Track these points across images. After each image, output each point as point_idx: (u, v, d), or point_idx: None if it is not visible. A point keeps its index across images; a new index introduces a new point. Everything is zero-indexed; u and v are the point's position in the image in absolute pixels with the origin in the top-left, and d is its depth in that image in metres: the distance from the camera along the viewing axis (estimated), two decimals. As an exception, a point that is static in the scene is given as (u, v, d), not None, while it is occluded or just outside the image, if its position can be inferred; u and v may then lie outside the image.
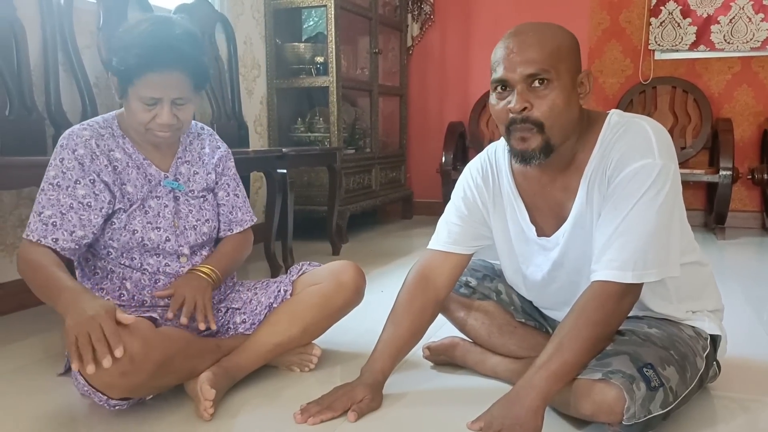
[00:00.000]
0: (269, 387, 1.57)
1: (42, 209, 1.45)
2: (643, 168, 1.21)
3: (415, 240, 3.88)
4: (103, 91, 2.59)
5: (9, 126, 2.14)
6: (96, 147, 1.50)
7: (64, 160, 1.47)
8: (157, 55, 1.41)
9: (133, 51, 1.40)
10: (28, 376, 1.68)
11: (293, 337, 1.61)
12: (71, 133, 1.50)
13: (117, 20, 2.58)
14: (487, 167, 1.48)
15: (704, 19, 3.98)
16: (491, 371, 1.60)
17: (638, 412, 1.15)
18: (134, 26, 1.46)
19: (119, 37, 1.46)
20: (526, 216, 1.41)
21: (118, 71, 1.43)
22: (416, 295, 1.48)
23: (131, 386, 1.32)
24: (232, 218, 1.72)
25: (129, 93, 1.45)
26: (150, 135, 1.51)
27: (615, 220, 1.22)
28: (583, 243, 1.33)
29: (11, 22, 2.18)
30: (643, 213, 1.21)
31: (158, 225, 1.57)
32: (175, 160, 1.63)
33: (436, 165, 4.28)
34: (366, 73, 4.27)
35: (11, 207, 2.29)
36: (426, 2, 4.62)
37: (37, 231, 1.43)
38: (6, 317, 2.23)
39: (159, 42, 1.42)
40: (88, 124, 1.54)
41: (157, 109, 1.45)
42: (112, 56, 1.45)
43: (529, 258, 1.44)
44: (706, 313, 1.41)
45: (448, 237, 1.51)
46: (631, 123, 1.28)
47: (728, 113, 4.06)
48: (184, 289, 1.51)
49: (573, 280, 1.39)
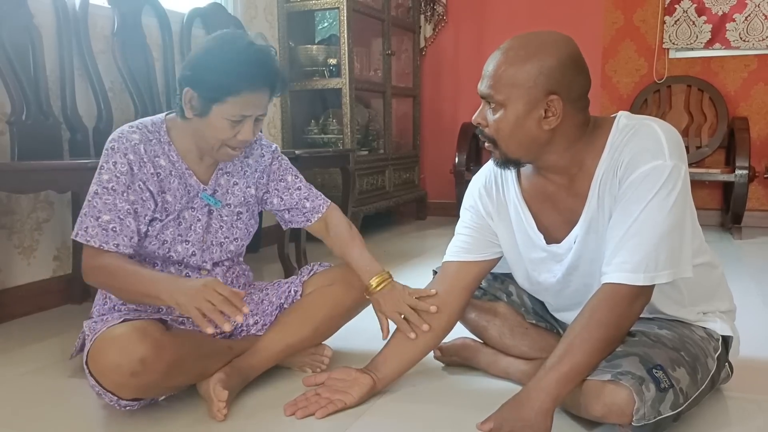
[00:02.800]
0: (282, 388, 1.59)
1: (99, 213, 1.43)
2: (654, 169, 1.21)
3: (429, 241, 3.87)
4: (117, 95, 2.62)
5: (26, 130, 2.17)
6: (144, 153, 1.48)
7: (117, 164, 1.45)
8: (258, 74, 1.41)
9: (236, 70, 1.39)
10: (46, 378, 1.71)
11: (304, 337, 1.62)
12: (121, 136, 1.48)
13: (131, 25, 2.61)
14: (491, 178, 1.48)
15: (719, 17, 3.95)
16: (503, 372, 1.60)
17: (648, 413, 1.15)
18: (224, 44, 1.43)
19: (209, 54, 1.43)
20: (533, 224, 1.40)
21: (209, 89, 1.40)
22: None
23: (142, 387, 1.34)
24: (303, 211, 1.70)
25: (213, 110, 1.42)
26: (223, 152, 1.49)
27: (626, 222, 1.22)
28: (597, 247, 1.32)
29: (28, 28, 2.21)
30: (655, 214, 1.20)
31: (187, 238, 1.56)
32: (215, 172, 1.61)
33: (450, 166, 4.27)
34: (379, 74, 4.28)
35: (29, 210, 2.32)
36: (439, 3, 4.61)
37: (98, 236, 1.42)
38: (24, 319, 2.26)
39: (259, 61, 1.42)
40: (137, 127, 1.51)
41: (240, 126, 1.45)
42: (202, 75, 1.41)
43: (540, 265, 1.44)
44: (718, 314, 1.40)
45: (457, 247, 1.53)
46: (641, 125, 1.28)
47: (744, 112, 4.02)
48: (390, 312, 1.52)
49: (587, 283, 1.38)
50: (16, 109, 2.15)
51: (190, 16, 2.99)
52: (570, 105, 1.26)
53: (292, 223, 1.73)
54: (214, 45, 1.44)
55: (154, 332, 1.35)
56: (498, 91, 1.27)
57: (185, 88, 1.44)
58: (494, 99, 1.28)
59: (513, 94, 1.26)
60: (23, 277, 2.32)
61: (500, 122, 1.29)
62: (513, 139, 1.29)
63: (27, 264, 2.33)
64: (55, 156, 2.28)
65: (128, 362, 1.29)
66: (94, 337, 1.37)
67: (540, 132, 1.28)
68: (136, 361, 1.29)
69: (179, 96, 1.48)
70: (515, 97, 1.26)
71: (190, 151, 1.55)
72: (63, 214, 2.45)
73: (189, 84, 1.44)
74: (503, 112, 1.28)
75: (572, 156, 1.32)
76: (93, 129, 2.46)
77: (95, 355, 1.34)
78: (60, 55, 2.37)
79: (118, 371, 1.30)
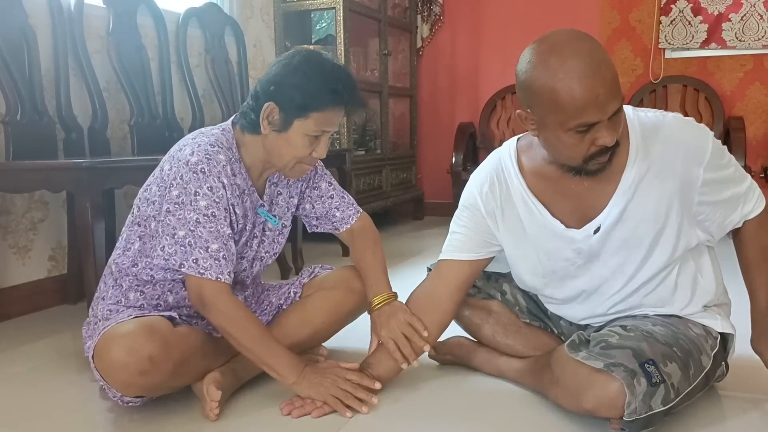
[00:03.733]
0: (276, 387, 1.58)
1: (207, 243, 1.37)
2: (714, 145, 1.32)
3: (426, 240, 3.87)
4: (113, 95, 2.62)
5: (20, 130, 2.17)
6: (230, 174, 1.44)
7: (213, 188, 1.39)
8: (344, 90, 1.41)
9: (325, 87, 1.39)
10: (42, 377, 1.71)
11: (302, 340, 1.62)
12: (209, 157, 1.40)
13: (127, 25, 2.61)
14: (494, 174, 1.47)
15: (715, 17, 3.95)
16: (496, 371, 1.60)
17: (639, 407, 1.16)
18: (311, 61, 1.42)
19: (298, 72, 1.41)
20: (547, 213, 1.40)
21: (296, 106, 1.40)
22: (425, 308, 1.52)
23: (149, 385, 1.34)
24: (332, 220, 1.69)
25: (294, 126, 1.41)
26: (297, 168, 1.48)
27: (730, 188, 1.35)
28: (626, 238, 1.34)
29: (23, 28, 2.21)
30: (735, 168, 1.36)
31: (243, 255, 1.55)
32: (268, 185, 1.59)
33: (447, 166, 4.27)
34: (376, 74, 4.28)
35: (23, 210, 2.32)
36: (435, 3, 4.62)
37: (212, 269, 1.37)
38: (19, 319, 2.26)
39: (344, 79, 1.43)
40: (218, 145, 1.44)
41: (317, 143, 1.44)
42: (290, 92, 1.40)
43: (558, 254, 1.42)
44: (716, 310, 1.40)
45: (453, 245, 1.53)
46: (655, 116, 1.35)
47: (740, 111, 4.03)
48: (384, 335, 1.51)
49: (602, 274, 1.39)
50: (10, 109, 2.15)
51: (186, 15, 2.98)
52: None
53: (318, 228, 1.72)
54: (300, 62, 1.42)
55: (162, 329, 1.35)
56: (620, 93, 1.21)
57: (267, 103, 1.41)
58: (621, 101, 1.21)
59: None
60: (18, 277, 2.31)
61: (622, 120, 1.27)
62: None
63: (22, 264, 2.33)
64: (50, 156, 2.28)
65: (136, 360, 1.29)
66: (100, 332, 1.37)
67: None
68: (145, 359, 1.29)
69: (252, 110, 1.45)
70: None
71: (254, 165, 1.52)
72: (58, 214, 2.45)
73: (273, 99, 1.41)
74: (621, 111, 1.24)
75: None
76: (88, 129, 2.45)
77: (102, 352, 1.34)
78: (55, 55, 2.37)
79: (125, 369, 1.30)
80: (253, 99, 1.45)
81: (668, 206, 1.31)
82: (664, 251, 1.34)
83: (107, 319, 1.45)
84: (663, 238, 1.33)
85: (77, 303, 2.39)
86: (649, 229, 1.33)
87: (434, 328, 1.53)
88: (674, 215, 1.32)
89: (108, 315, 1.47)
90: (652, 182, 1.31)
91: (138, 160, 2.17)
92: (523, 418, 1.40)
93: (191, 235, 1.38)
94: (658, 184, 1.31)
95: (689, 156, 1.30)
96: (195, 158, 1.39)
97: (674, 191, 1.31)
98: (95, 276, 1.84)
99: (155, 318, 1.38)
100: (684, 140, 1.31)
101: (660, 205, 1.32)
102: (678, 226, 1.33)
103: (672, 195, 1.31)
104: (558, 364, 1.33)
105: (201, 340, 1.47)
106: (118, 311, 1.47)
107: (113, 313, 1.47)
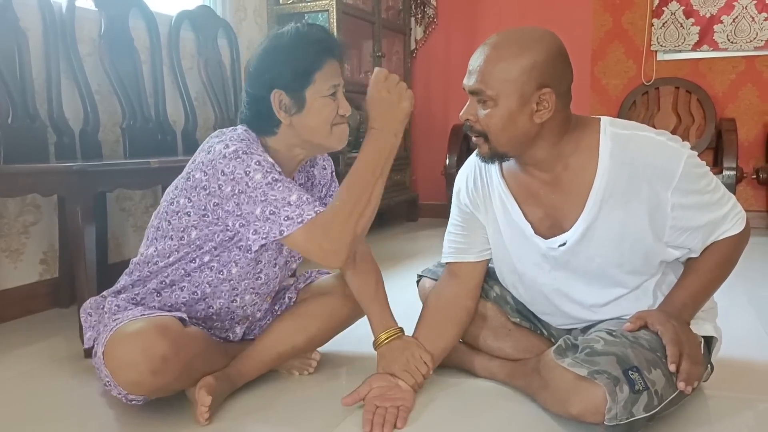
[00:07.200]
0: (269, 390, 1.58)
1: (286, 199, 1.32)
2: (686, 164, 1.28)
3: (421, 242, 3.87)
4: (104, 98, 2.62)
5: (12, 134, 2.17)
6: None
7: (261, 161, 1.34)
8: (326, 40, 1.40)
9: (308, 47, 1.37)
10: (34, 381, 1.70)
11: (297, 346, 1.61)
12: (247, 144, 1.36)
13: (119, 28, 2.61)
14: (476, 171, 1.51)
15: (707, 19, 3.97)
16: (487, 373, 1.60)
17: (620, 413, 1.16)
18: (280, 36, 1.40)
19: (274, 51, 1.39)
20: (521, 214, 1.42)
21: (295, 77, 1.36)
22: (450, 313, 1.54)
23: (158, 386, 1.33)
24: None
25: (307, 97, 1.38)
26: (335, 136, 1.43)
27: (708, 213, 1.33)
28: (590, 255, 1.35)
29: (14, 31, 2.21)
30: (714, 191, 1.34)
31: (276, 261, 1.54)
32: (298, 174, 1.56)
33: (441, 167, 4.28)
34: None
35: (15, 214, 2.32)
36: (429, 5, 4.62)
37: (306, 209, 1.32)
38: (12, 323, 2.25)
39: (320, 32, 1.41)
40: (247, 139, 1.39)
41: (338, 100, 1.42)
42: (281, 70, 1.37)
43: (527, 256, 1.45)
44: (702, 315, 1.41)
45: (455, 248, 1.55)
46: (632, 134, 1.32)
47: (732, 113, 4.05)
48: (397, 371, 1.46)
49: (570, 284, 1.41)
50: (2, 113, 2.15)
51: (179, 18, 2.98)
52: (559, 99, 1.30)
53: None
54: (271, 43, 1.41)
55: (174, 330, 1.34)
56: (490, 87, 1.28)
57: (272, 93, 1.38)
58: (485, 94, 1.29)
59: (506, 89, 1.28)
60: (10, 281, 2.31)
61: (492, 117, 1.30)
62: (504, 133, 1.31)
63: (14, 267, 2.32)
64: (42, 159, 2.27)
65: (149, 359, 1.28)
66: (112, 329, 1.35)
67: (531, 126, 1.30)
68: (158, 358, 1.28)
69: (258, 111, 1.41)
70: (508, 92, 1.28)
71: (280, 165, 1.44)
72: (50, 218, 2.44)
73: (272, 87, 1.38)
74: (495, 107, 1.29)
75: (558, 152, 1.34)
76: (80, 132, 2.45)
77: (113, 349, 1.32)
78: (46, 58, 2.36)
79: (137, 369, 1.29)
80: (254, 102, 1.42)
81: (637, 228, 1.31)
82: (634, 270, 1.36)
83: (115, 314, 1.42)
84: (631, 258, 1.34)
85: (69, 306, 2.38)
86: (613, 250, 1.34)
87: (460, 328, 1.55)
88: (643, 237, 1.32)
89: (116, 310, 1.45)
90: (618, 202, 1.31)
91: (129, 164, 2.17)
92: (516, 421, 1.40)
93: (268, 204, 1.31)
94: (624, 204, 1.31)
95: (655, 178, 1.28)
96: (231, 148, 1.35)
97: (641, 214, 1.31)
98: (86, 279, 1.84)
99: (167, 318, 1.37)
100: (651, 162, 1.28)
101: (626, 226, 1.32)
102: (647, 247, 1.33)
103: (640, 218, 1.31)
104: (546, 369, 1.34)
105: (205, 342, 1.46)
106: (126, 308, 1.46)
107: (121, 310, 1.44)
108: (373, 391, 1.41)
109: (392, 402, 1.39)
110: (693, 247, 1.35)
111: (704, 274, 1.36)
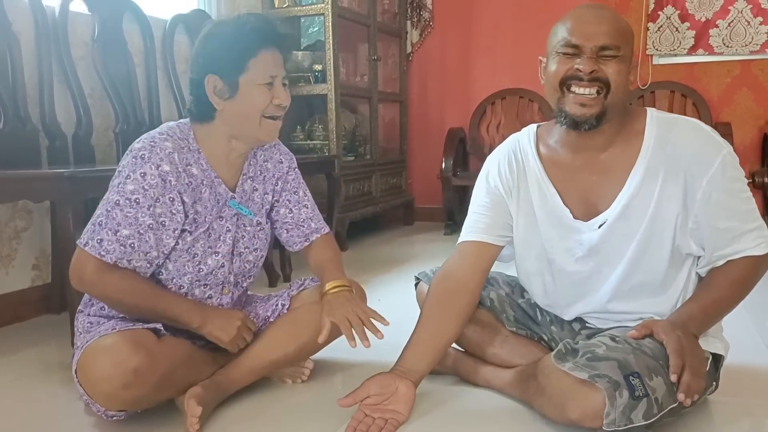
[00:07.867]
0: (261, 399, 1.57)
1: (118, 227, 1.36)
2: (723, 160, 1.30)
3: (416, 246, 3.86)
4: (97, 102, 2.60)
5: (3, 138, 2.15)
6: (178, 162, 1.42)
7: (146, 175, 1.37)
8: (263, 29, 1.43)
9: (243, 34, 1.40)
10: (25, 388, 1.69)
11: (289, 355, 1.59)
12: (153, 144, 1.40)
13: (112, 31, 2.59)
14: (512, 154, 1.51)
15: (703, 24, 3.97)
16: (483, 381, 1.59)
17: (618, 419, 1.16)
18: (219, 23, 1.45)
19: (211, 37, 1.44)
20: (558, 200, 1.42)
21: (228, 63, 1.40)
22: (453, 291, 1.50)
23: (133, 399, 1.32)
24: (305, 230, 1.69)
25: (240, 83, 1.41)
26: (265, 127, 1.46)
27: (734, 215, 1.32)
28: (623, 236, 1.37)
29: (6, 35, 2.19)
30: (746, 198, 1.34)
31: (217, 249, 1.53)
32: (240, 177, 1.57)
33: (437, 171, 4.27)
34: (366, 80, 4.27)
35: (6, 219, 2.30)
36: (425, 9, 4.62)
37: (114, 252, 1.36)
38: (3, 329, 2.23)
39: (258, 20, 1.44)
40: (168, 134, 1.44)
41: (274, 90, 1.44)
42: (215, 55, 1.41)
43: (559, 242, 1.44)
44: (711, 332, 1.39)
45: (474, 227, 1.52)
46: (678, 118, 1.38)
47: (728, 117, 4.04)
48: (339, 315, 1.48)
49: (600, 270, 1.42)
50: (-7, 117, 2.13)
51: (173, 22, 2.97)
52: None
53: (288, 240, 1.71)
54: (209, 30, 1.45)
55: (147, 342, 1.32)
56: (619, 41, 1.31)
57: (206, 77, 1.43)
58: (615, 47, 1.30)
59: (629, 46, 1.34)
60: (1, 287, 2.29)
61: (621, 69, 1.32)
62: (623, 87, 1.33)
63: (5, 274, 2.30)
64: (33, 164, 2.26)
65: (120, 373, 1.27)
66: (84, 346, 1.35)
67: (629, 93, 1.37)
68: (129, 372, 1.27)
69: (195, 96, 1.47)
70: (629, 49, 1.34)
71: (217, 156, 1.51)
72: (42, 223, 2.42)
73: (206, 71, 1.43)
74: (621, 62, 1.32)
75: (616, 130, 1.38)
76: (72, 136, 2.43)
77: (85, 365, 1.32)
78: (39, 62, 2.34)
79: (109, 382, 1.27)
80: (193, 86, 1.47)
81: (669, 211, 1.34)
82: (659, 253, 1.36)
83: (88, 332, 1.43)
84: (659, 239, 1.36)
85: (61, 313, 2.36)
86: (645, 231, 1.35)
87: (464, 313, 1.50)
88: (674, 220, 1.34)
89: (89, 328, 1.45)
90: (657, 183, 1.34)
91: (122, 169, 2.15)
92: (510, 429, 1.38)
93: (106, 216, 1.37)
94: (661, 185, 1.34)
95: (694, 163, 1.31)
96: (139, 145, 1.41)
97: (676, 197, 1.33)
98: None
99: (140, 330, 1.36)
100: (692, 148, 1.32)
101: (660, 208, 1.34)
102: (675, 231, 1.35)
103: (673, 200, 1.33)
104: (544, 373, 1.33)
105: (187, 352, 1.45)
106: (99, 323, 1.45)
107: (94, 326, 1.45)
108: (370, 399, 1.38)
109: (382, 414, 1.37)
110: (707, 247, 1.35)
111: (717, 289, 1.35)
